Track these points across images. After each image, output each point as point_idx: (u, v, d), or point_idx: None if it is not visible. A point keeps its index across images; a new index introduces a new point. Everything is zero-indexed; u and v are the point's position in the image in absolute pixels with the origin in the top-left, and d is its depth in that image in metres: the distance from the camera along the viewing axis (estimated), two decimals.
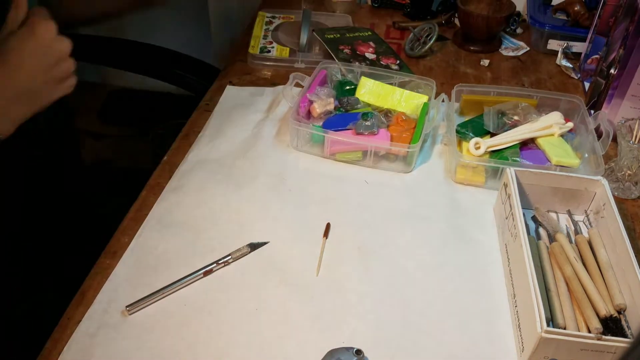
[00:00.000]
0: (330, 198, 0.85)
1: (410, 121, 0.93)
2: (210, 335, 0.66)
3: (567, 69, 1.17)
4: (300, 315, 0.69)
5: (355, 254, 0.77)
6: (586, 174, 0.81)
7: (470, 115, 0.97)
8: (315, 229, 0.79)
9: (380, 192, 0.86)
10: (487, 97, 0.99)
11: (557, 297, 0.69)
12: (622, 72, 0.93)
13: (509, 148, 0.89)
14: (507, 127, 0.92)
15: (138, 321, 0.67)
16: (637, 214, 0.86)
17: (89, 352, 0.64)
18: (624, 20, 0.94)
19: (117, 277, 0.72)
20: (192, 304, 0.69)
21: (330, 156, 0.91)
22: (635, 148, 0.84)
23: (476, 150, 0.87)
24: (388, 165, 0.90)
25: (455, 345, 0.67)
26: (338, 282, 0.73)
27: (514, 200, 0.75)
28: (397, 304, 0.71)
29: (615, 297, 0.68)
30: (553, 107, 0.95)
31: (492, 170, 0.86)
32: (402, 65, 1.12)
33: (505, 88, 1.00)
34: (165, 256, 0.75)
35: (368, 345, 0.65)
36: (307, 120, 0.94)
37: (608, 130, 0.87)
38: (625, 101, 0.95)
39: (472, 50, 1.23)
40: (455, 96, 0.97)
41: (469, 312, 0.71)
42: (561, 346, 0.61)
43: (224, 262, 0.74)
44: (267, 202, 0.83)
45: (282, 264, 0.75)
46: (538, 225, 0.81)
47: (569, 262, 0.72)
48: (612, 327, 0.65)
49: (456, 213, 0.82)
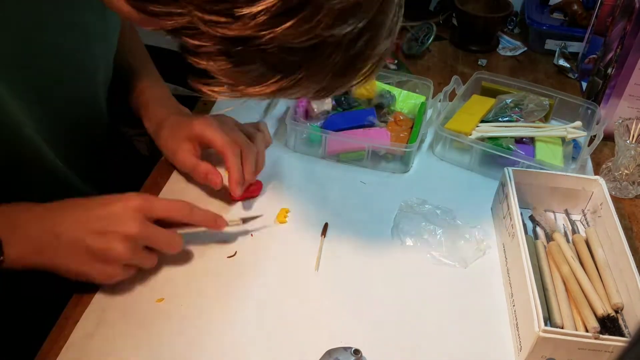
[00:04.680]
0: (328, 198, 0.85)
1: (407, 121, 0.94)
2: (209, 334, 0.66)
3: (564, 69, 1.17)
4: (297, 315, 0.69)
5: (353, 253, 0.77)
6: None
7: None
8: (313, 229, 0.79)
9: (377, 192, 0.86)
10: (507, 88, 1.00)
11: (555, 297, 0.69)
12: (619, 72, 0.93)
13: (505, 137, 0.91)
14: (507, 117, 0.94)
15: (137, 321, 0.67)
16: (634, 213, 0.86)
17: (88, 352, 0.63)
18: (621, 20, 0.94)
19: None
20: (191, 303, 0.69)
21: (330, 156, 0.91)
22: (633, 147, 0.84)
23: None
24: (386, 165, 0.90)
25: (453, 345, 0.67)
26: (336, 281, 0.73)
27: (511, 199, 0.75)
28: (395, 303, 0.71)
29: (613, 296, 0.68)
30: (570, 111, 0.97)
31: (482, 154, 0.88)
32: (399, 65, 1.12)
33: (526, 83, 1.00)
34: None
35: (366, 345, 0.65)
36: (305, 120, 0.94)
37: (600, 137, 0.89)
38: (622, 101, 0.96)
39: (469, 50, 1.23)
40: (473, 83, 0.99)
41: (466, 311, 0.71)
42: (559, 345, 0.61)
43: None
44: (266, 202, 0.83)
45: (279, 263, 0.75)
46: (535, 225, 0.81)
47: (566, 261, 0.72)
48: (609, 326, 0.65)
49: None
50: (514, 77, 1.04)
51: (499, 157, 0.87)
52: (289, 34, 0.42)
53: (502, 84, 1.01)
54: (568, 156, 0.90)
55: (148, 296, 0.70)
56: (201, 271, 0.73)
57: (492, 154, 0.87)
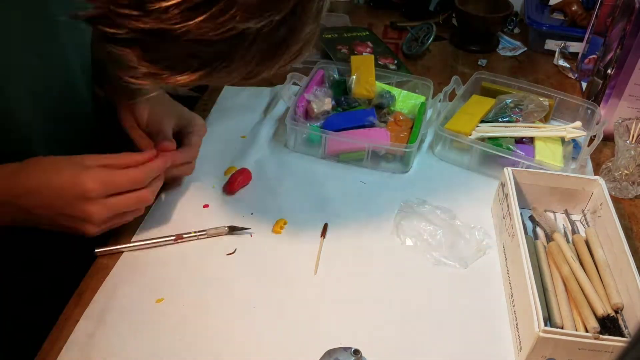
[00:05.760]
0: (328, 198, 0.85)
1: (407, 121, 0.94)
2: (208, 334, 0.66)
3: (564, 69, 1.17)
4: (297, 315, 0.69)
5: (352, 253, 0.77)
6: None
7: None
8: (313, 229, 0.79)
9: (377, 192, 0.86)
10: (507, 88, 1.00)
11: (555, 297, 0.69)
12: (619, 72, 0.93)
13: (505, 137, 0.91)
14: (507, 118, 0.94)
15: (137, 321, 0.67)
16: (634, 213, 0.86)
17: (88, 352, 0.63)
18: (621, 20, 0.94)
19: (115, 276, 0.72)
20: (190, 304, 0.69)
21: (330, 156, 0.91)
22: (632, 148, 0.84)
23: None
24: (386, 166, 0.90)
25: (453, 345, 0.67)
26: (336, 281, 0.73)
27: (511, 199, 0.75)
28: (394, 303, 0.71)
29: (613, 296, 0.68)
30: (570, 111, 0.97)
31: (482, 154, 0.88)
32: (399, 65, 1.12)
33: (527, 83, 1.00)
34: (165, 254, 0.75)
35: (366, 345, 0.65)
36: (304, 120, 0.94)
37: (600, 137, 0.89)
38: (622, 101, 0.96)
39: (469, 50, 1.23)
40: (473, 83, 0.99)
41: (466, 311, 0.71)
42: (559, 345, 0.61)
43: (197, 236, 0.76)
44: (265, 202, 0.83)
45: (279, 263, 0.75)
46: (535, 225, 0.81)
47: (566, 261, 0.72)
48: (609, 327, 0.65)
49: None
50: (514, 77, 1.04)
51: (499, 157, 0.87)
52: (204, 26, 0.42)
53: (502, 84, 1.01)
54: (568, 156, 0.90)
55: (148, 296, 0.70)
56: (201, 271, 0.73)
57: (492, 154, 0.87)
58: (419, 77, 1.01)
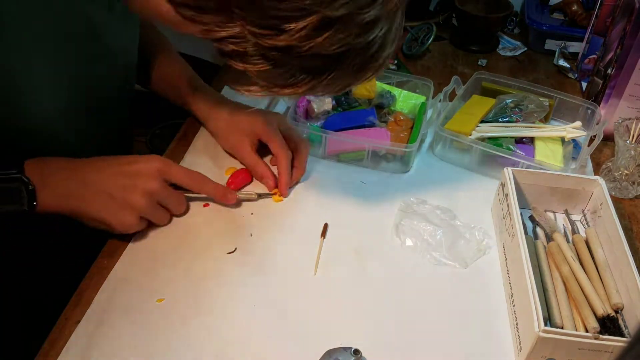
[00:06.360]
0: (328, 198, 0.85)
1: (407, 121, 0.94)
2: (209, 334, 0.66)
3: (564, 69, 1.17)
4: (297, 315, 0.69)
5: (353, 254, 0.77)
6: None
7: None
8: (313, 229, 0.79)
9: (377, 192, 0.86)
10: (507, 88, 1.00)
11: (555, 297, 0.69)
12: (619, 72, 0.93)
13: (505, 137, 0.91)
14: (507, 118, 0.94)
15: (137, 321, 0.67)
16: (634, 213, 0.86)
17: (88, 352, 0.63)
18: (621, 20, 0.94)
19: (115, 276, 0.72)
20: (191, 304, 0.69)
21: (330, 156, 0.91)
22: (633, 148, 0.84)
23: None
24: (386, 166, 0.90)
25: (453, 345, 0.67)
26: (336, 281, 0.73)
27: (511, 199, 0.75)
28: (394, 303, 0.71)
29: (613, 296, 0.68)
30: (570, 111, 0.97)
31: (482, 154, 0.88)
32: (399, 65, 1.12)
33: (527, 83, 1.00)
34: (165, 254, 0.75)
35: (366, 345, 0.64)
36: (305, 120, 0.94)
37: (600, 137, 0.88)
38: (622, 101, 0.96)
39: (469, 50, 1.23)
40: (473, 83, 0.99)
41: (466, 311, 0.71)
42: (559, 346, 0.61)
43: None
44: (264, 202, 0.83)
45: (279, 263, 0.75)
46: (535, 225, 0.81)
47: (566, 261, 0.72)
48: (609, 327, 0.65)
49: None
50: (514, 77, 1.04)
51: (499, 157, 0.87)
52: (326, 43, 0.48)
53: (502, 84, 1.01)
54: (568, 156, 0.90)
55: (148, 296, 0.70)
56: (201, 271, 0.73)
57: (492, 154, 0.87)
58: (419, 77, 1.01)
